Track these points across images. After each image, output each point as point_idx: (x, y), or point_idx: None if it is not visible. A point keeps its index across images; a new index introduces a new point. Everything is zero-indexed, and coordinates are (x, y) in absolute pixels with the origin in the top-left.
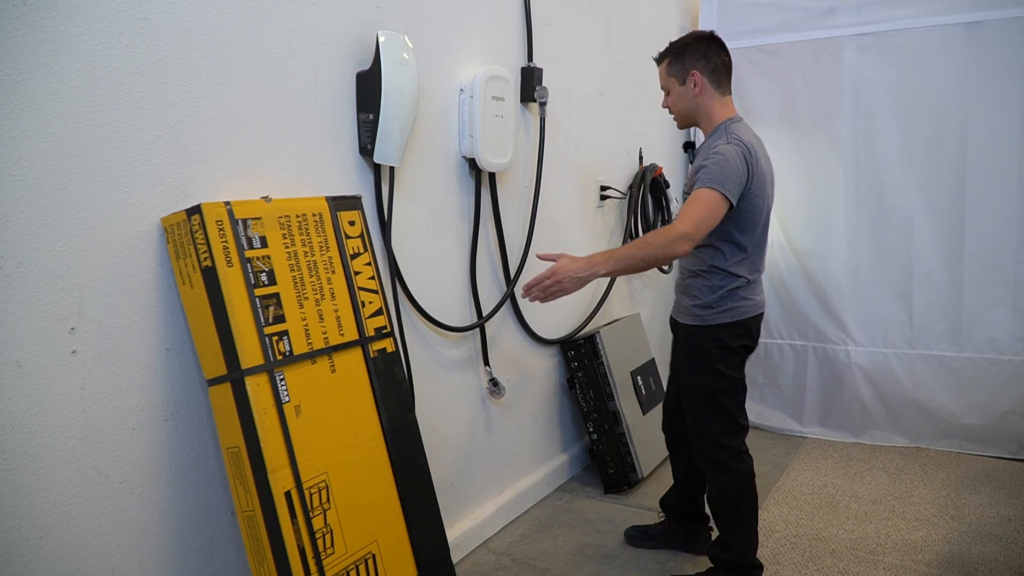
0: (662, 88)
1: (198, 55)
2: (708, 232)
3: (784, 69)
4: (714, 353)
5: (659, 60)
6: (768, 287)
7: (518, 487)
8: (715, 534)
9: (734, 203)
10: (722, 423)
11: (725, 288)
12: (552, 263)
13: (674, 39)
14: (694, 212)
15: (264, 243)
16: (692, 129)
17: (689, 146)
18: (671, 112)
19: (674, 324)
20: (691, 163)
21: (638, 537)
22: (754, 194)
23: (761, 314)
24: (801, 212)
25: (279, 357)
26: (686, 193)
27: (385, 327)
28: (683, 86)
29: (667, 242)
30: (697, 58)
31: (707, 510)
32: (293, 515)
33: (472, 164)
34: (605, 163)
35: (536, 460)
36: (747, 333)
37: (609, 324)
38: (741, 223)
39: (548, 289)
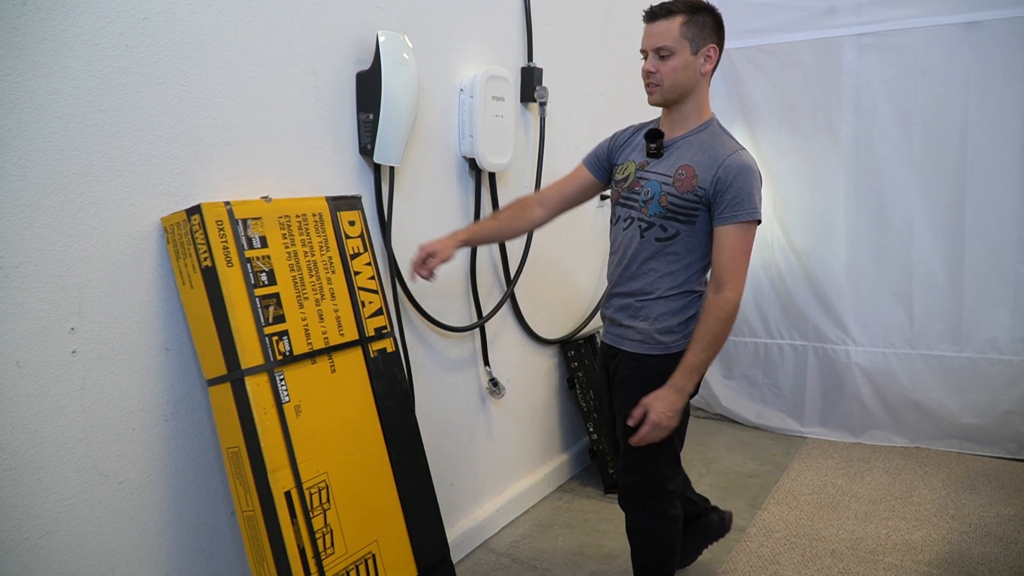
0: (659, 47)
1: (198, 55)
2: None
3: (784, 69)
4: None
5: (666, 13)
6: (768, 287)
7: (518, 487)
8: (720, 512)
9: None
10: (669, 467)
11: (689, 309)
12: (642, 409)
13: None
14: (742, 267)
15: (264, 243)
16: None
17: (658, 135)
18: (656, 80)
19: (612, 353)
20: (655, 156)
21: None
22: None
23: None
24: (801, 212)
25: (279, 357)
26: (675, 200)
27: (385, 327)
28: (694, 56)
29: (731, 322)
30: (714, 31)
31: (692, 495)
32: (293, 515)
33: (472, 164)
34: None
35: (536, 460)
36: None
37: None
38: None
39: (659, 436)
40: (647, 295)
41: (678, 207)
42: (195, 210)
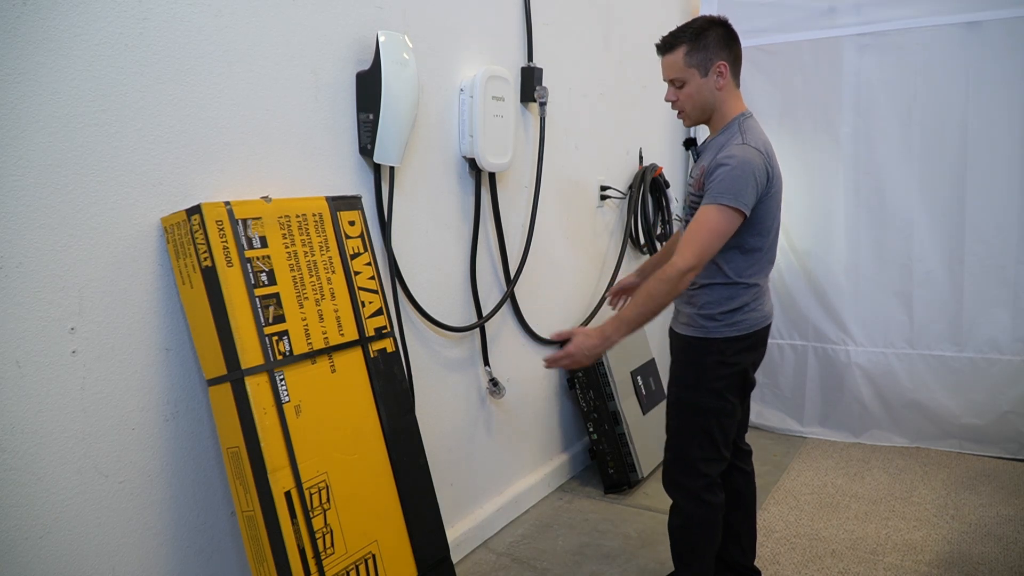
0: (672, 79)
1: (198, 55)
2: (715, 253)
3: (784, 69)
4: (714, 370)
5: (668, 47)
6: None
7: (518, 487)
8: None
9: (748, 213)
10: (704, 448)
11: (735, 300)
12: (568, 339)
13: (680, 24)
14: (698, 240)
15: (264, 243)
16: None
17: (691, 143)
18: (679, 107)
19: (671, 336)
20: (695, 160)
21: None
22: (771, 196)
23: (769, 325)
24: (801, 212)
25: (279, 357)
26: (693, 199)
27: (385, 327)
28: (704, 78)
29: (671, 287)
30: (721, 46)
31: (744, 559)
32: (293, 515)
33: (472, 164)
34: (605, 163)
35: (536, 460)
36: (753, 347)
37: None
38: (756, 227)
39: (566, 366)
40: (693, 284)
41: (695, 204)
42: (195, 210)
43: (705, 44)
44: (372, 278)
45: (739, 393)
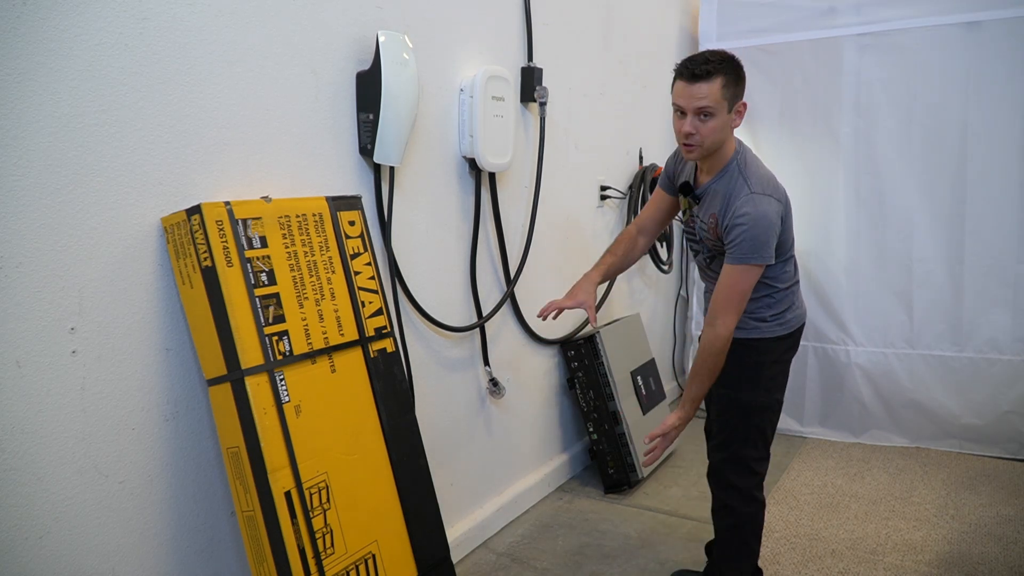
0: (703, 108)
1: (198, 55)
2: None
3: (784, 69)
4: (768, 368)
5: (707, 75)
6: None
7: (518, 487)
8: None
9: (773, 259)
10: (759, 448)
11: (783, 303)
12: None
13: (693, 52)
14: (732, 304)
15: (264, 243)
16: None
17: (687, 189)
18: (698, 141)
19: None
20: (695, 203)
21: None
22: (787, 224)
23: (804, 324)
24: (801, 212)
25: (279, 357)
26: (712, 243)
27: (385, 327)
28: (729, 115)
29: (722, 355)
30: (743, 84)
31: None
32: (293, 515)
33: (472, 164)
34: (605, 163)
35: (536, 460)
36: (795, 344)
37: (609, 324)
38: (781, 247)
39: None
40: None
41: (718, 247)
42: (195, 210)
43: (738, 79)
44: (372, 278)
45: (784, 390)
